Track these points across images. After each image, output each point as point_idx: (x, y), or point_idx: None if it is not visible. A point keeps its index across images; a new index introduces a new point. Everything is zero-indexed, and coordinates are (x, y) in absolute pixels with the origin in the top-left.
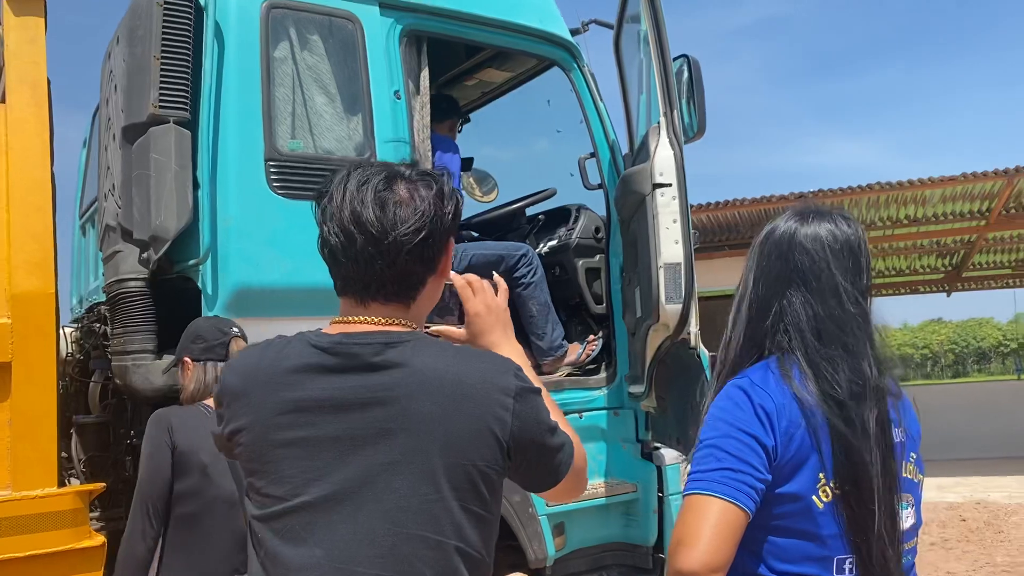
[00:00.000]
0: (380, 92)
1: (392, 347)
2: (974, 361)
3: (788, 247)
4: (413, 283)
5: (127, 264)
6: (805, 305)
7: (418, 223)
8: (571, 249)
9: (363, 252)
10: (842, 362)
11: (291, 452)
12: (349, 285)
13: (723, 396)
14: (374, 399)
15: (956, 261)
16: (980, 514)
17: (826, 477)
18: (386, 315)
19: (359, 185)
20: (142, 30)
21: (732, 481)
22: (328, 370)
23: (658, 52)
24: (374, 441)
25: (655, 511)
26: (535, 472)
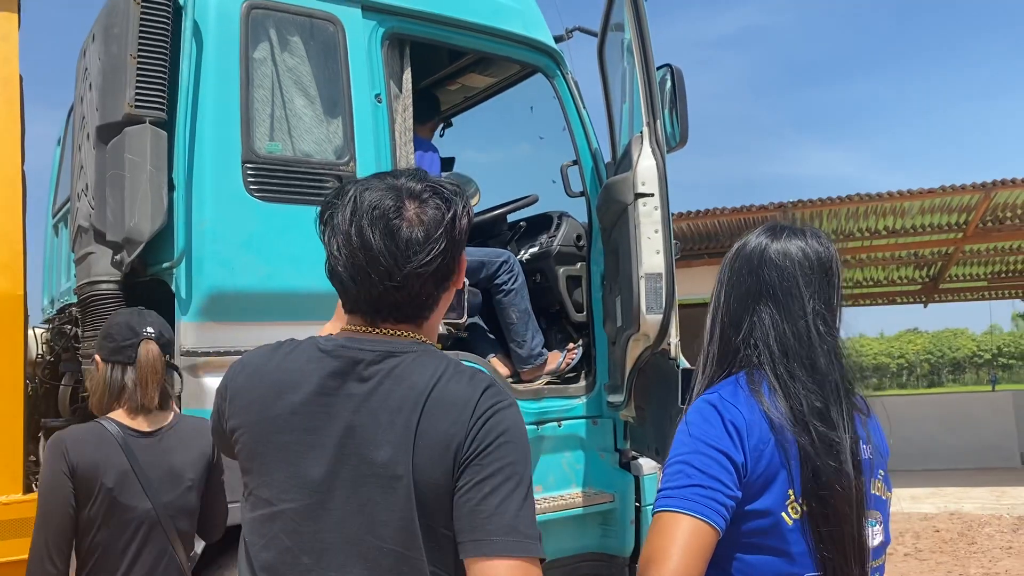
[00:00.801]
0: (361, 95)
1: (393, 357)
2: (949, 371)
3: (759, 263)
4: (428, 304)
5: (99, 266)
6: (774, 321)
7: (432, 251)
8: (552, 256)
9: (376, 285)
10: (809, 380)
11: (282, 455)
12: (359, 307)
13: (693, 411)
14: (365, 408)
15: (933, 273)
16: (954, 525)
17: (795, 494)
18: (396, 331)
19: (368, 211)
20: (118, 28)
21: (701, 498)
22: (328, 375)
23: (642, 62)
24: (359, 451)
25: (632, 521)
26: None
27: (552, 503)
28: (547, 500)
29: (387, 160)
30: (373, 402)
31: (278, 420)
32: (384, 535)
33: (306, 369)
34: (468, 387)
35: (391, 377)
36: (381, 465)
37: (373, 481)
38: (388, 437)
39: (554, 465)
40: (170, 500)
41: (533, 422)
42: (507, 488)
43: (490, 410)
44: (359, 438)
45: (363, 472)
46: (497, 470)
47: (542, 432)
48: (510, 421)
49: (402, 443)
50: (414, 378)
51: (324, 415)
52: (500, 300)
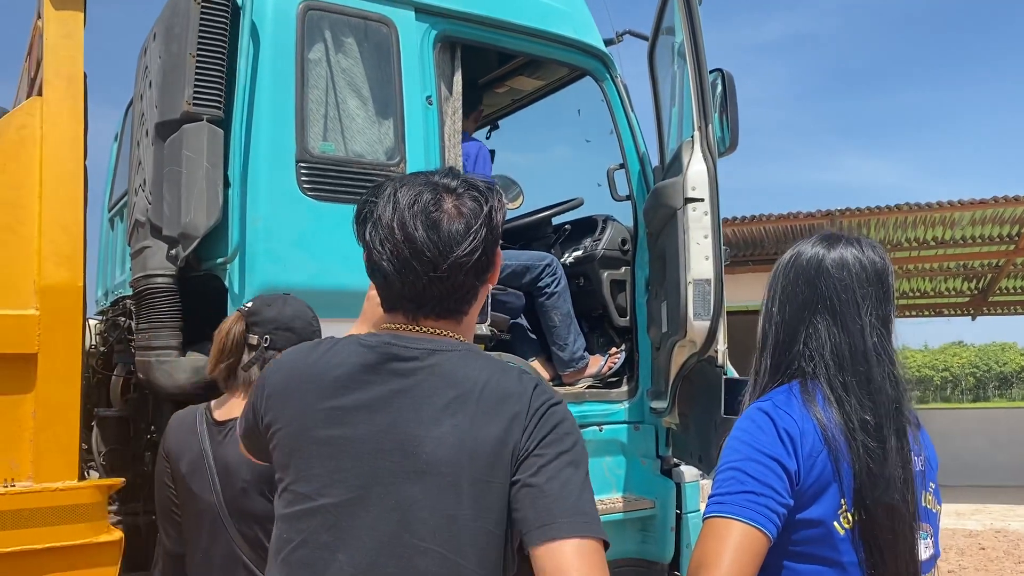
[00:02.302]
0: (412, 97)
1: (439, 353)
2: (995, 386)
3: (815, 273)
4: (469, 299)
5: (155, 260)
6: (830, 333)
7: (473, 242)
8: (596, 260)
9: (421, 277)
10: (863, 392)
11: (322, 451)
12: (401, 303)
13: (745, 419)
14: (408, 404)
15: (983, 285)
16: (1000, 543)
17: (847, 504)
18: (438, 328)
19: (408, 206)
20: (179, 28)
21: (754, 504)
22: (370, 369)
23: (695, 65)
24: (401, 447)
25: (672, 528)
26: (534, 498)
27: None
28: None
29: (436, 161)
30: (417, 398)
31: (318, 415)
32: (423, 534)
33: (348, 364)
34: (518, 385)
35: (436, 374)
36: (424, 462)
37: (414, 478)
38: (433, 433)
39: (594, 469)
40: (230, 498)
41: None
42: (567, 472)
43: (543, 406)
44: (402, 434)
45: (405, 468)
46: (555, 456)
47: (583, 436)
48: (563, 414)
49: (450, 441)
50: (460, 375)
51: (366, 410)
52: (543, 303)
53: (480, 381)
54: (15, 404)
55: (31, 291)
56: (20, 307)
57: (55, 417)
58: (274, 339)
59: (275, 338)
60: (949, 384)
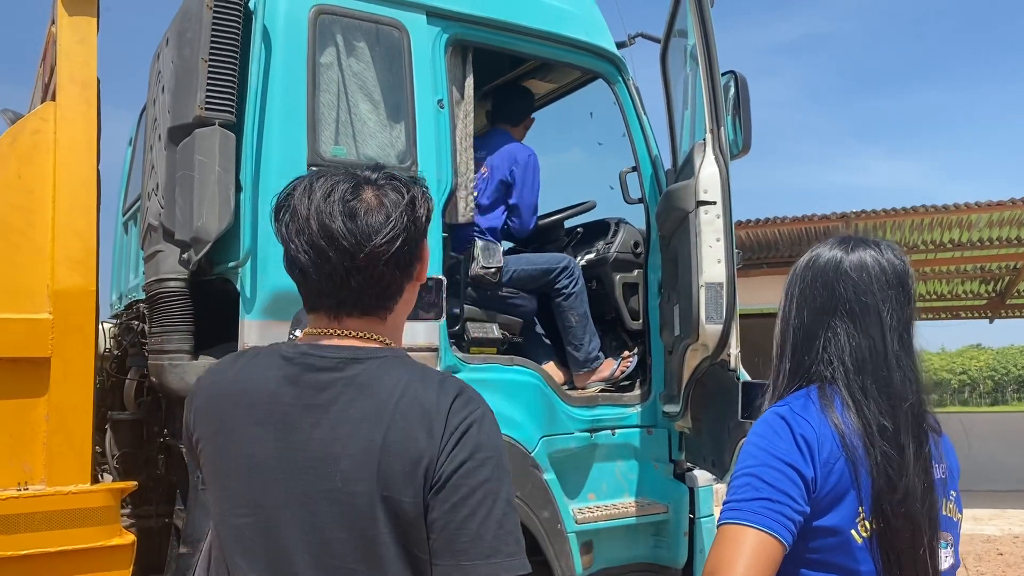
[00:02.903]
0: (424, 100)
1: (359, 362)
2: (1014, 389)
3: (834, 276)
4: (391, 293)
5: (167, 264)
6: (849, 337)
7: (393, 230)
8: (609, 263)
9: (338, 268)
10: (883, 397)
11: (240, 471)
12: (321, 301)
13: (762, 424)
14: (324, 419)
15: (1000, 287)
16: (1018, 548)
17: (865, 511)
18: (362, 329)
19: (324, 195)
20: (191, 32)
21: (769, 512)
22: (289, 383)
23: (707, 68)
24: (316, 465)
25: (686, 533)
26: (449, 537)
27: (604, 512)
28: (599, 508)
29: (447, 165)
30: (333, 413)
31: (235, 432)
32: (342, 554)
33: (265, 378)
34: (437, 397)
35: (354, 385)
36: (340, 480)
37: (329, 497)
38: (348, 450)
39: (607, 474)
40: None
41: (586, 429)
42: (484, 509)
43: (463, 423)
44: (318, 451)
45: (319, 487)
46: (472, 490)
47: (595, 440)
48: (484, 433)
49: (364, 458)
50: (378, 386)
51: (281, 426)
52: (560, 304)
53: (396, 392)
54: (28, 408)
55: (44, 295)
56: (33, 311)
57: (68, 421)
58: None
59: None
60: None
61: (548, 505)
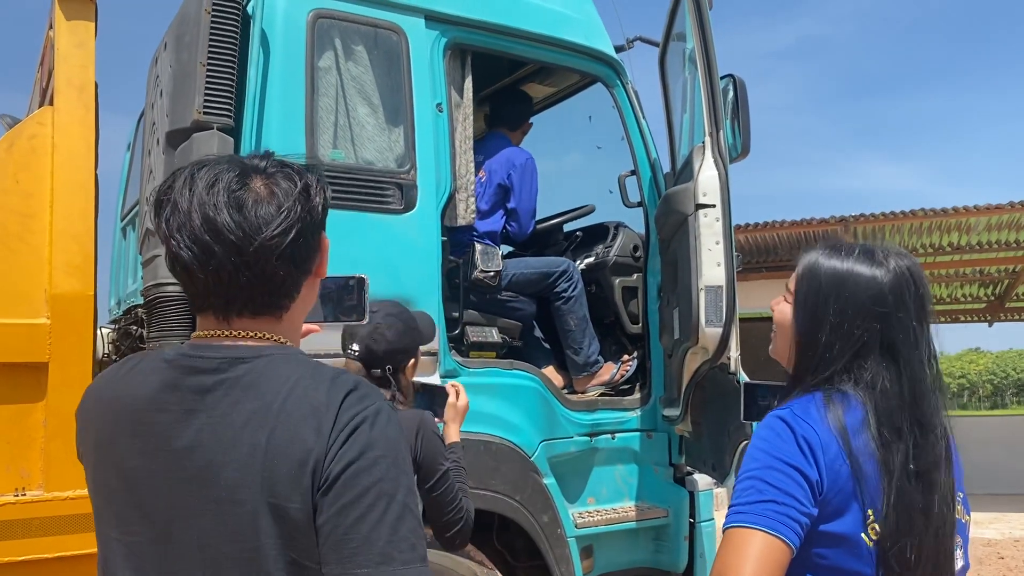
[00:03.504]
0: (423, 104)
1: (244, 362)
2: (1013, 393)
3: (871, 300)
4: (286, 291)
5: (165, 269)
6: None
7: (285, 222)
8: (608, 267)
9: (224, 264)
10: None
11: (122, 484)
12: (209, 301)
13: (764, 427)
14: (207, 424)
15: (1000, 291)
16: (1019, 552)
17: (875, 514)
18: (254, 330)
19: (208, 186)
20: (189, 36)
21: (775, 514)
22: (169, 388)
23: (705, 71)
24: (200, 475)
25: (686, 537)
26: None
27: (604, 516)
28: (599, 513)
29: (446, 169)
30: (216, 417)
31: (117, 444)
32: (229, 571)
33: (146, 384)
34: (327, 394)
35: (239, 387)
36: (224, 489)
37: (214, 508)
38: (233, 456)
39: (607, 478)
40: None
41: (586, 433)
42: (377, 511)
43: (354, 420)
44: (199, 459)
45: (204, 497)
46: (364, 491)
47: (595, 444)
48: (378, 430)
49: (248, 463)
50: (265, 386)
51: (163, 435)
52: (559, 307)
53: (284, 390)
54: (26, 413)
55: (42, 300)
56: (31, 316)
57: (66, 426)
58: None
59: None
60: (966, 391)
61: (548, 510)
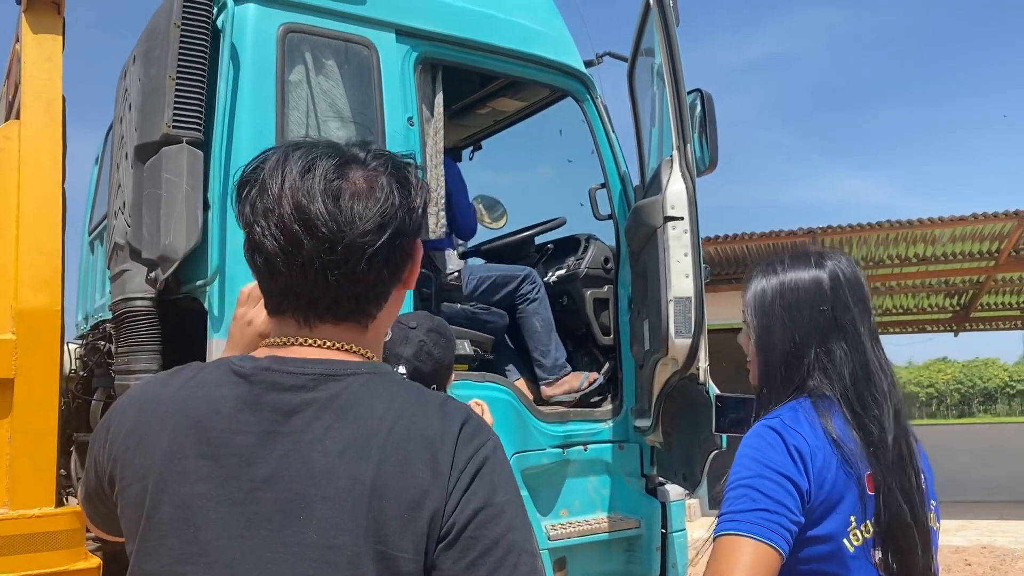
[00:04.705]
0: (394, 118)
1: (335, 380)
2: (980, 402)
3: (816, 296)
4: (375, 297)
5: (134, 283)
6: (843, 352)
7: (382, 219)
8: (579, 279)
9: (313, 259)
10: (875, 405)
11: (178, 513)
12: (290, 301)
13: (754, 436)
14: (294, 451)
15: (964, 301)
16: (986, 559)
17: (857, 520)
18: (338, 339)
19: (303, 172)
20: (159, 50)
21: (766, 522)
22: (244, 405)
23: (673, 85)
24: (284, 510)
25: (658, 548)
26: None
27: (577, 528)
28: (572, 525)
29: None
30: (305, 443)
31: (176, 466)
32: None
33: (216, 399)
34: (440, 424)
35: (331, 409)
36: (314, 530)
37: (300, 552)
38: (327, 491)
39: (579, 489)
40: None
41: (559, 445)
42: (507, 568)
43: (475, 458)
44: (283, 492)
45: (287, 539)
46: (493, 544)
47: (568, 456)
48: (499, 469)
49: (347, 501)
50: (364, 409)
51: (237, 460)
52: (523, 309)
53: (389, 418)
54: None
55: (8, 315)
56: None
57: (32, 443)
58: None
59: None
60: (934, 400)
61: None
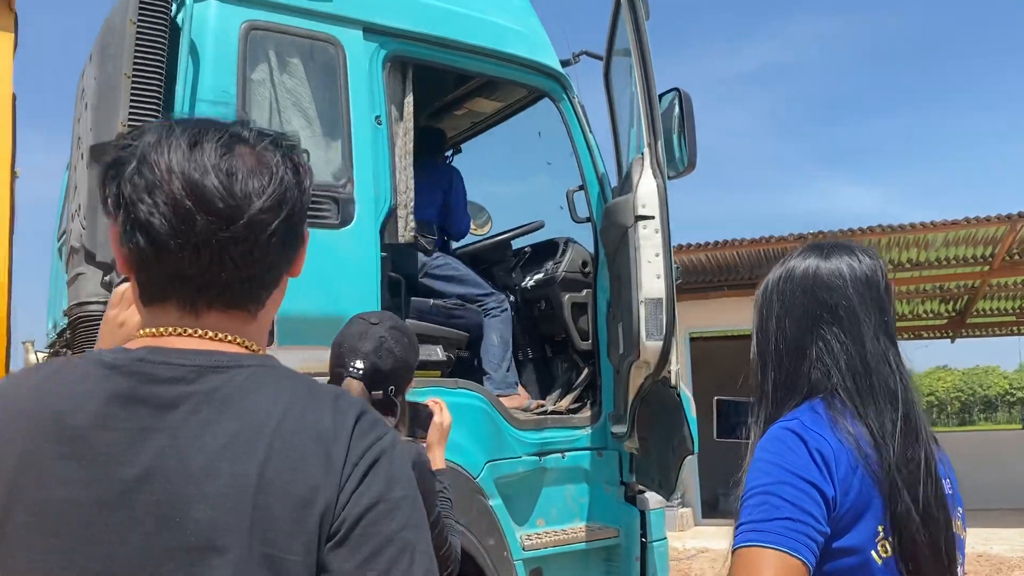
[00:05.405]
0: (361, 117)
1: (217, 372)
2: (980, 410)
3: (813, 284)
4: (268, 281)
5: (89, 287)
6: (841, 343)
7: (279, 197)
8: (557, 283)
9: (209, 238)
10: (873, 403)
11: (37, 522)
12: (175, 287)
13: (772, 439)
14: (169, 448)
15: (960, 307)
16: (982, 567)
17: (885, 530)
18: (224, 329)
19: (191, 145)
20: (114, 48)
21: (790, 531)
22: (115, 400)
23: (643, 82)
24: (162, 511)
25: (637, 558)
26: None
27: (554, 537)
28: (549, 534)
29: (386, 183)
30: (183, 439)
31: (32, 469)
32: None
33: (82, 394)
34: (333, 417)
35: (213, 402)
36: (193, 533)
37: (180, 557)
38: (207, 490)
39: (557, 498)
40: None
41: (535, 453)
42: (403, 565)
43: (370, 451)
44: (160, 492)
45: (165, 543)
46: (387, 540)
47: (545, 463)
48: (396, 464)
49: (231, 500)
50: (248, 402)
51: (106, 459)
52: (487, 321)
53: (277, 411)
54: None
55: None
56: None
57: None
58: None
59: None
60: (935, 408)
61: (494, 532)
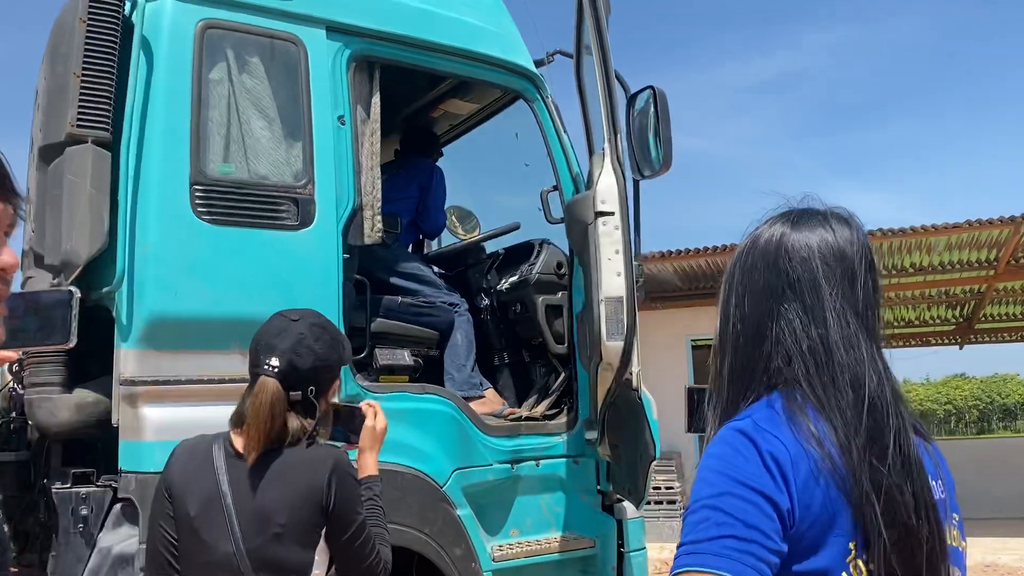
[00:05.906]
0: (322, 117)
1: None
2: (999, 418)
3: (775, 254)
4: None
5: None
6: (803, 323)
7: None
8: (531, 285)
9: None
10: (835, 389)
11: None
12: None
13: (719, 442)
14: None
15: (967, 312)
16: None
17: (857, 547)
18: None
19: None
20: (64, 47)
21: (736, 552)
22: None
23: (603, 79)
24: None
25: (614, 568)
26: None
27: (526, 548)
28: (523, 544)
29: (349, 184)
30: None
31: None
32: None
33: None
34: None
35: None
36: None
37: None
38: None
39: (532, 507)
40: (255, 547)
41: (507, 461)
42: None
43: None
44: None
45: None
46: None
47: (518, 472)
48: None
49: None
50: None
51: None
52: (455, 320)
53: None
54: None
55: None
56: None
57: None
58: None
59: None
60: (953, 417)
61: (461, 542)
